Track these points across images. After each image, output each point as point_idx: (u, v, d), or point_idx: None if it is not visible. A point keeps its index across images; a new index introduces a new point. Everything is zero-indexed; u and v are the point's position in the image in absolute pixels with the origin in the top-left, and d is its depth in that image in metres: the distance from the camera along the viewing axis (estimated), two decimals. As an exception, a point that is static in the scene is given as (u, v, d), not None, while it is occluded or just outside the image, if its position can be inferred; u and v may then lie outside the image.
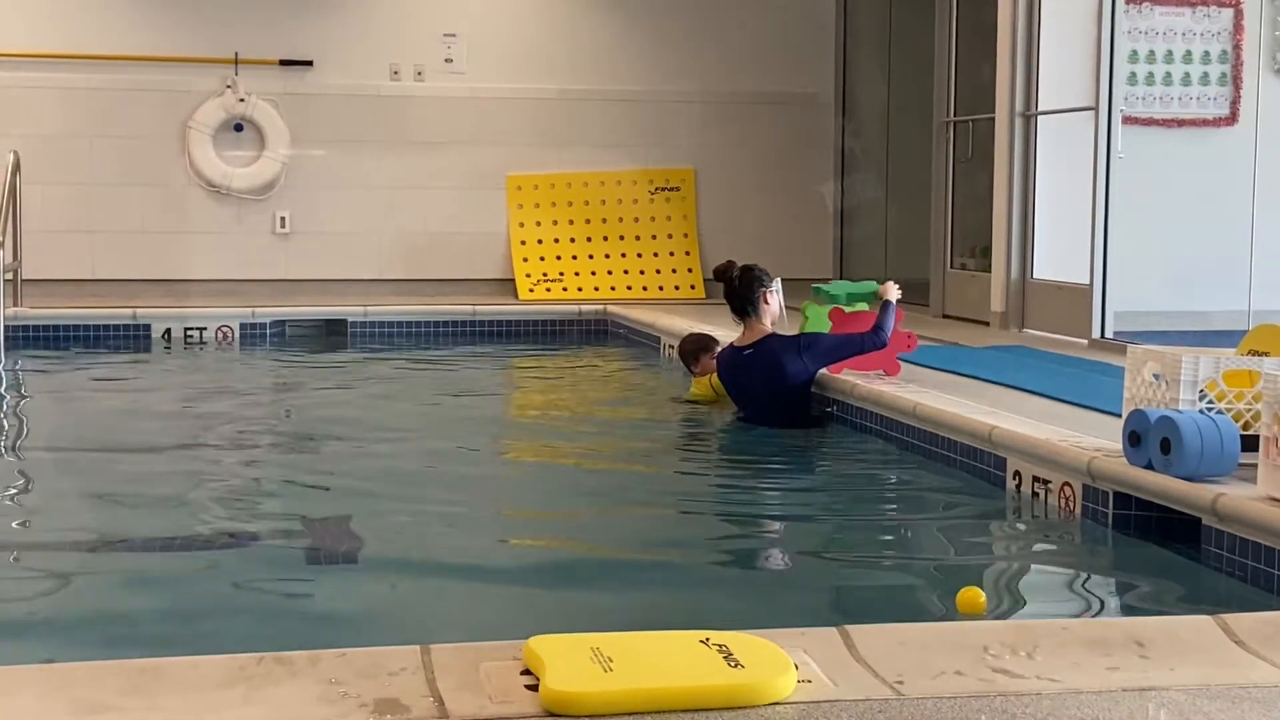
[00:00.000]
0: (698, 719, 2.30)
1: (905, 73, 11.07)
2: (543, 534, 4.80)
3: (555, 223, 11.48)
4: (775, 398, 6.29)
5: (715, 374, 6.74)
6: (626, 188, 11.61)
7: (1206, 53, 9.17)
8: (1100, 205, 8.31)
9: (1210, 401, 4.35)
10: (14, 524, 4.77)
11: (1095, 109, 8.35)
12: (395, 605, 3.75)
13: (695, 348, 7.05)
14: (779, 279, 6.53)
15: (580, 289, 11.25)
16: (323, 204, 11.20)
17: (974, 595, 3.45)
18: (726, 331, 8.21)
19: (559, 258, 11.42)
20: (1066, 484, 4.63)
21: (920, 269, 10.49)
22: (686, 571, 4.21)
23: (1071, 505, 4.60)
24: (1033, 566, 4.44)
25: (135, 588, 3.90)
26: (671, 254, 11.58)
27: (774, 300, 6.42)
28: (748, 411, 6.41)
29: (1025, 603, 4.03)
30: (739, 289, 6.40)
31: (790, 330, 6.55)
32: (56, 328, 9.55)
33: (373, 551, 4.34)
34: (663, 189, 11.67)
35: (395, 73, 11.30)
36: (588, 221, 11.51)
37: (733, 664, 2.43)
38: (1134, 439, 4.29)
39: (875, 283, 6.57)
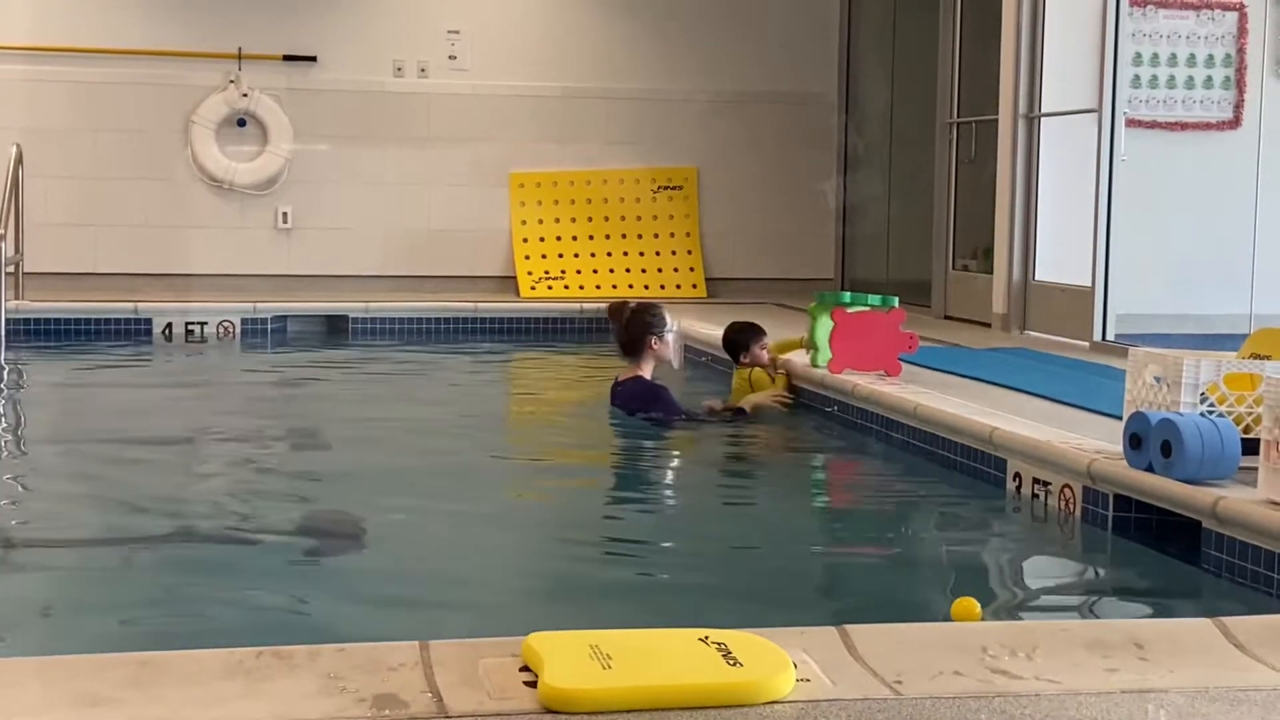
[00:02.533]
0: (696, 717, 2.30)
1: (909, 73, 11.07)
2: (542, 531, 4.80)
3: (558, 220, 11.48)
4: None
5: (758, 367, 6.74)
6: (629, 186, 11.61)
7: (1210, 56, 9.17)
8: (1103, 208, 8.31)
9: (1211, 404, 4.35)
10: (14, 517, 4.77)
11: (1098, 111, 8.35)
12: (395, 601, 3.75)
13: (744, 336, 6.91)
14: (677, 322, 6.55)
15: (582, 287, 11.24)
16: (325, 200, 11.20)
17: (969, 606, 3.42)
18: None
19: (561, 255, 11.42)
20: (1067, 486, 4.63)
21: (922, 270, 10.49)
22: (686, 569, 4.21)
23: (1071, 507, 4.60)
24: (1032, 568, 4.44)
25: (135, 581, 3.90)
26: (674, 253, 11.58)
27: (661, 346, 6.38)
28: None
29: (1025, 604, 4.03)
30: (627, 330, 6.41)
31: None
32: (58, 321, 9.54)
33: (373, 547, 4.34)
34: (665, 187, 11.66)
35: (399, 69, 11.30)
36: (590, 220, 11.51)
37: (731, 662, 2.43)
38: (1135, 441, 4.29)
39: (879, 298, 6.56)
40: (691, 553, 4.44)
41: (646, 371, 6.38)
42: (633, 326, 6.38)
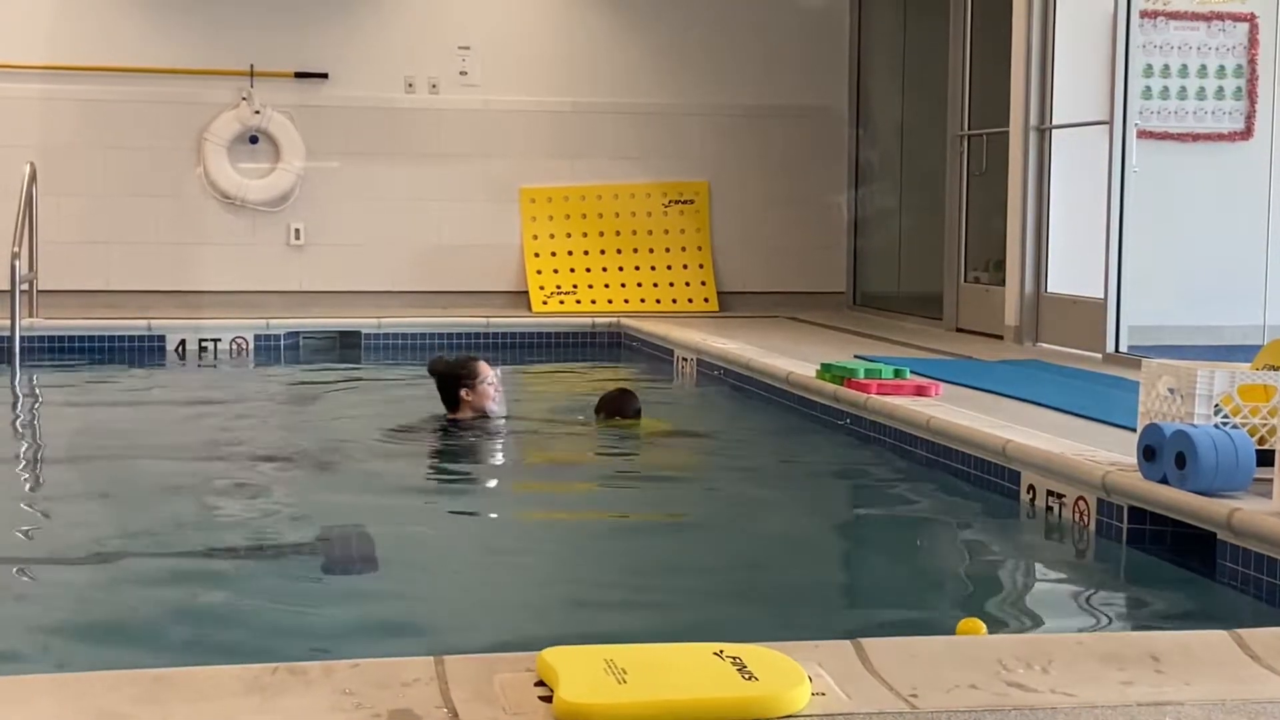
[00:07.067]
0: (711, 731, 2.30)
1: (920, 86, 11.08)
2: (557, 545, 4.80)
3: (569, 235, 11.49)
4: None
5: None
6: (640, 200, 11.61)
7: (1221, 67, 9.17)
8: (1114, 219, 8.30)
9: (1225, 416, 4.34)
10: (30, 534, 4.78)
11: (1110, 123, 8.34)
12: (409, 616, 3.75)
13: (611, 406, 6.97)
14: (498, 368, 6.70)
15: (594, 301, 11.25)
16: (337, 216, 11.22)
17: (974, 627, 3.41)
18: (742, 345, 8.24)
19: (572, 270, 11.43)
20: (1081, 498, 4.63)
21: (934, 282, 10.48)
22: (700, 584, 4.21)
23: (1086, 520, 4.59)
24: (1047, 581, 4.43)
25: (150, 597, 3.91)
26: (685, 267, 11.59)
27: (474, 396, 6.51)
28: None
29: (1039, 617, 4.02)
30: (442, 386, 6.61)
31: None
32: (71, 339, 9.57)
33: (387, 563, 4.34)
34: (677, 202, 11.67)
35: (410, 85, 11.32)
36: (601, 234, 11.52)
37: (746, 676, 2.42)
38: (1149, 453, 4.28)
39: (892, 369, 6.49)
40: (705, 567, 4.43)
41: (463, 413, 6.56)
42: (445, 383, 6.60)
